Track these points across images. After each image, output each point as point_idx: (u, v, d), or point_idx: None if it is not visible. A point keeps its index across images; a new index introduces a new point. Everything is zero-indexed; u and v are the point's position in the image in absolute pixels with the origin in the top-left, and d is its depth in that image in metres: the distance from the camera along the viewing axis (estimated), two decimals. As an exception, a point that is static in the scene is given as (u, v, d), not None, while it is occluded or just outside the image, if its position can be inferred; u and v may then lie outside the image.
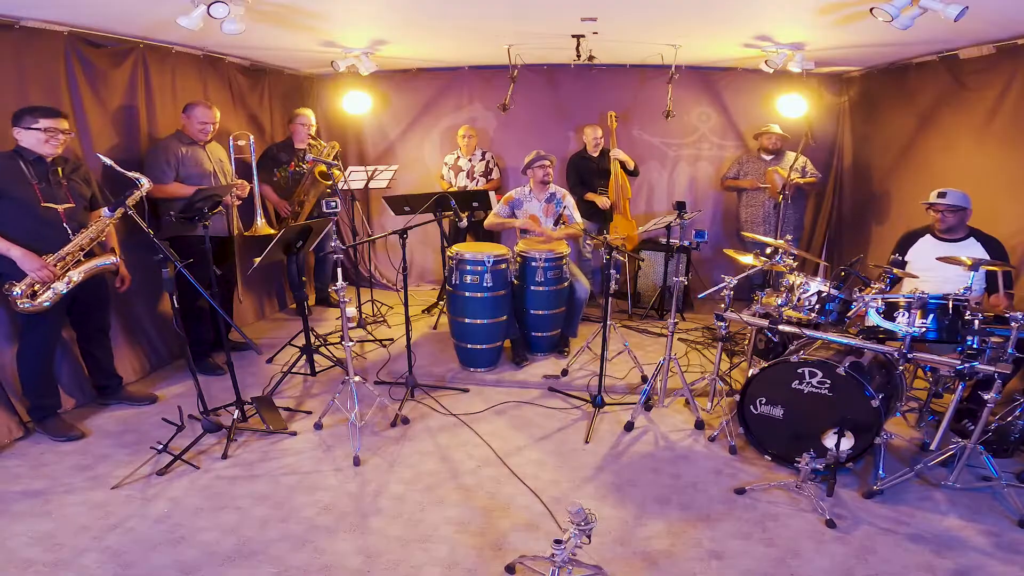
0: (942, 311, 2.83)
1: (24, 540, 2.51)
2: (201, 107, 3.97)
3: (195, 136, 3.99)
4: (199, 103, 3.99)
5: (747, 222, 5.48)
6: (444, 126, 6.19)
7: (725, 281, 3.39)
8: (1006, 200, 3.74)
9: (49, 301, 3.07)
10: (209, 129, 4.00)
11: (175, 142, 3.95)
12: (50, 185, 3.10)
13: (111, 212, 3.03)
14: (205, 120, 3.96)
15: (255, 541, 2.56)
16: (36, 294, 3.05)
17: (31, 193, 3.03)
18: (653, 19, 3.86)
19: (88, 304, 3.44)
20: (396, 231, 3.68)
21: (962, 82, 4.14)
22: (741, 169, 5.53)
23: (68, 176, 3.20)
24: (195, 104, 3.98)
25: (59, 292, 3.09)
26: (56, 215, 3.11)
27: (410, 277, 6.42)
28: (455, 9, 3.58)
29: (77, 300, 3.35)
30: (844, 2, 3.09)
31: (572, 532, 2.04)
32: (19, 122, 2.99)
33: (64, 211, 3.14)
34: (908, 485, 2.95)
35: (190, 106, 3.98)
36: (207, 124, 3.98)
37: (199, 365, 4.03)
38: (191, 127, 3.97)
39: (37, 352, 3.23)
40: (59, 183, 3.14)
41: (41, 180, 3.07)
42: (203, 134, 4.00)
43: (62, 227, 3.13)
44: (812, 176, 5.25)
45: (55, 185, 3.12)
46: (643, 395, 3.66)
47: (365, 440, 3.37)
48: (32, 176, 3.04)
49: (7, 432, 3.20)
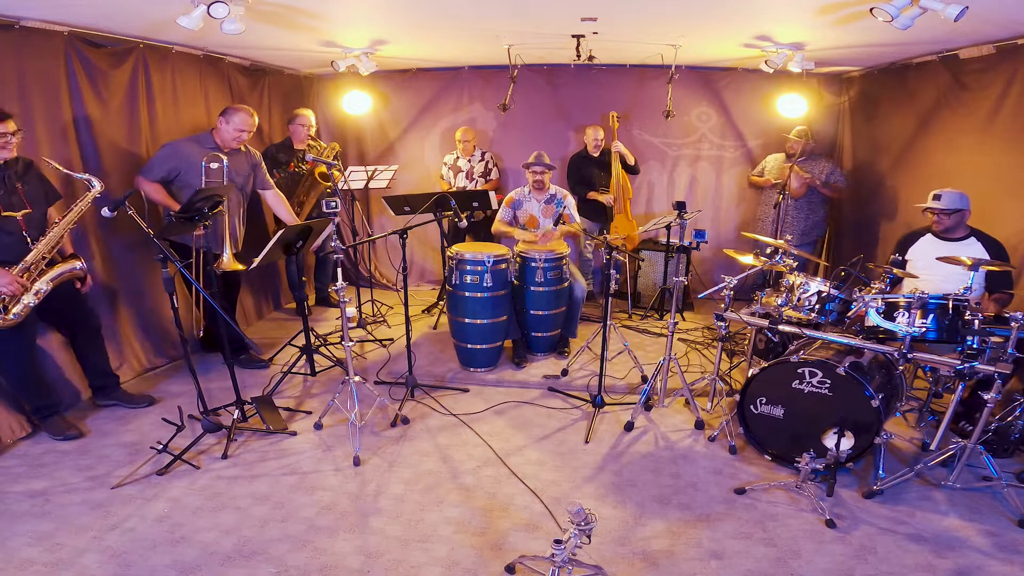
0: (942, 311, 2.83)
1: (24, 540, 2.51)
2: (243, 113, 3.80)
3: (226, 143, 3.84)
4: (241, 108, 3.83)
5: (760, 220, 5.50)
6: (444, 126, 6.19)
7: (725, 281, 3.39)
8: (1006, 200, 3.74)
9: (19, 315, 2.97)
10: (244, 138, 3.87)
11: (193, 147, 3.80)
12: (7, 192, 2.96)
13: (111, 212, 3.02)
14: (244, 128, 3.81)
15: (255, 541, 2.56)
16: (7, 308, 2.94)
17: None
18: (653, 19, 3.86)
19: (65, 306, 3.33)
20: (396, 231, 3.68)
21: (962, 82, 4.14)
22: (766, 167, 5.58)
23: (22, 179, 3.06)
24: (237, 109, 3.82)
25: (28, 304, 2.99)
26: (15, 223, 2.99)
27: (410, 277, 6.42)
28: (455, 9, 3.58)
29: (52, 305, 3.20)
30: (844, 2, 3.09)
31: (572, 532, 2.04)
32: None
33: (23, 217, 3.01)
34: (908, 485, 2.96)
35: (231, 111, 3.82)
36: (243, 132, 3.83)
37: (238, 362, 4.00)
38: (227, 132, 3.81)
39: (15, 360, 3.15)
40: (14, 189, 2.99)
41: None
42: (236, 142, 3.85)
43: (22, 235, 3.01)
44: (835, 183, 5.19)
45: (11, 192, 2.98)
46: (643, 395, 3.66)
47: (365, 440, 3.37)
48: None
49: (12, 431, 3.21)
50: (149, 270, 4.15)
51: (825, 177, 5.13)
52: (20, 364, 3.19)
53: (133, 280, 4.08)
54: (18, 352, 3.17)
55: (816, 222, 5.39)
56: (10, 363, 3.18)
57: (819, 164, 5.19)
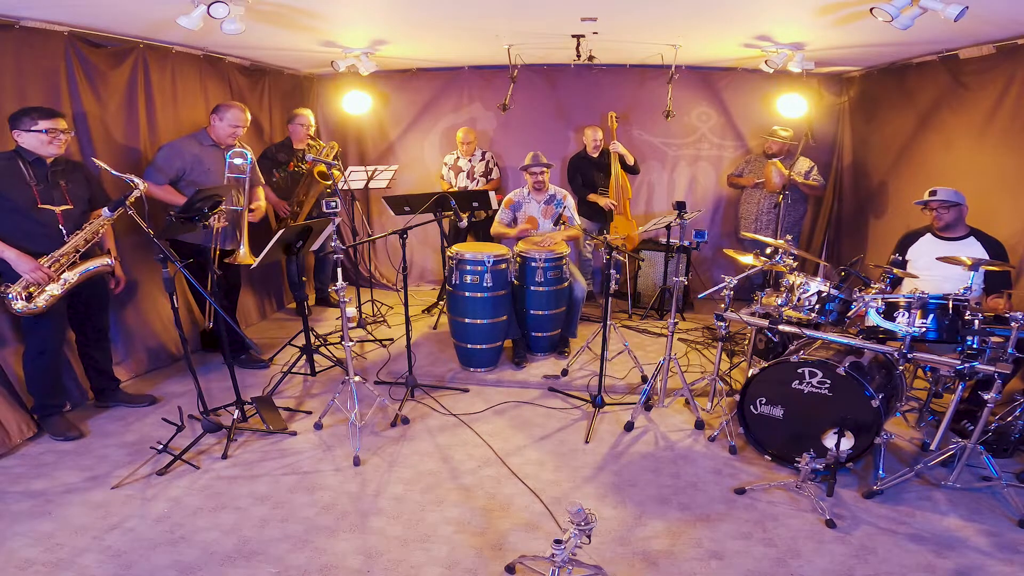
0: (942, 311, 2.83)
1: (24, 540, 2.51)
2: (235, 110, 3.86)
3: (222, 139, 3.89)
4: (233, 105, 3.88)
5: (743, 219, 5.55)
6: (444, 126, 6.20)
7: (725, 281, 3.39)
8: (1006, 200, 3.74)
9: (44, 303, 3.05)
10: (239, 133, 3.91)
11: (193, 144, 3.86)
12: (48, 187, 3.09)
13: (111, 212, 3.03)
14: (238, 124, 3.86)
15: (255, 541, 2.56)
16: (32, 296, 3.03)
17: (29, 194, 3.02)
18: (653, 19, 3.85)
19: (88, 306, 3.43)
20: (396, 231, 3.68)
21: (962, 82, 4.14)
22: (746, 167, 5.63)
23: (66, 177, 3.19)
24: (229, 106, 3.87)
25: (54, 294, 3.07)
26: (53, 217, 3.10)
27: (410, 277, 6.42)
28: (455, 9, 3.58)
29: (78, 301, 3.35)
30: (844, 2, 3.09)
31: (572, 532, 2.04)
32: (18, 124, 2.98)
33: (61, 213, 3.12)
34: (908, 485, 2.96)
35: (223, 108, 3.86)
36: (238, 128, 3.88)
37: (238, 362, 4.02)
38: (221, 129, 3.86)
39: (40, 353, 3.21)
40: (57, 185, 3.13)
41: (40, 182, 3.06)
42: (232, 138, 3.89)
43: (58, 229, 3.11)
44: (814, 180, 5.26)
45: (53, 187, 3.11)
46: (643, 395, 3.66)
47: (365, 440, 3.37)
48: (31, 177, 3.03)
49: (20, 432, 3.21)
50: (149, 270, 4.15)
51: (804, 175, 5.17)
52: (43, 358, 3.22)
53: (133, 280, 4.08)
54: (45, 344, 3.21)
55: (797, 219, 5.51)
56: (34, 355, 3.22)
57: (800, 163, 5.25)
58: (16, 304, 3.01)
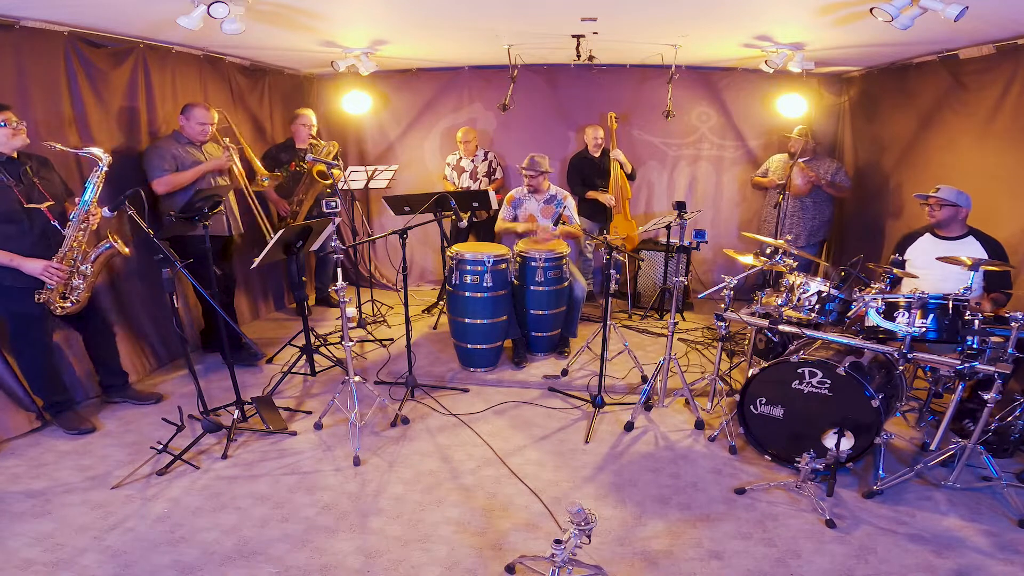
0: (942, 311, 2.83)
1: (24, 540, 2.51)
2: (200, 108, 4.00)
3: (194, 137, 4.03)
4: (197, 104, 4.02)
5: (766, 221, 5.43)
6: (444, 126, 6.19)
7: (725, 281, 3.39)
8: (1006, 200, 3.73)
9: (77, 293, 3.15)
10: (208, 130, 4.04)
11: (172, 142, 3.97)
12: (27, 187, 3.05)
13: (111, 212, 3.02)
14: (204, 121, 4.00)
15: (255, 541, 2.56)
16: (65, 295, 3.12)
17: (11, 195, 2.98)
18: (653, 19, 3.85)
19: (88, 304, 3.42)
20: (396, 231, 3.68)
21: (962, 82, 4.14)
22: (770, 168, 5.47)
23: (39, 174, 3.14)
24: (194, 105, 4.00)
25: (79, 286, 3.15)
26: (42, 214, 3.08)
27: (410, 277, 6.42)
28: (455, 9, 3.58)
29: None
30: (844, 2, 3.09)
31: (572, 532, 2.04)
32: None
33: (47, 208, 3.10)
34: (908, 485, 2.96)
35: (189, 107, 4.00)
36: (206, 125, 4.02)
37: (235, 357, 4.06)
38: (190, 128, 4.00)
39: (32, 354, 3.23)
40: (32, 183, 3.08)
41: (17, 181, 3.01)
42: (202, 135, 4.04)
43: (51, 226, 3.10)
44: (840, 183, 5.08)
45: (31, 186, 3.07)
46: (643, 395, 3.66)
47: (365, 440, 3.37)
48: (9, 179, 2.97)
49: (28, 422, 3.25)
50: (149, 269, 4.15)
51: (831, 176, 5.09)
52: (37, 357, 3.25)
53: (133, 279, 4.08)
54: (34, 345, 3.23)
55: (823, 222, 5.31)
56: (27, 357, 3.25)
57: (824, 163, 5.13)
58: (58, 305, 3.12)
